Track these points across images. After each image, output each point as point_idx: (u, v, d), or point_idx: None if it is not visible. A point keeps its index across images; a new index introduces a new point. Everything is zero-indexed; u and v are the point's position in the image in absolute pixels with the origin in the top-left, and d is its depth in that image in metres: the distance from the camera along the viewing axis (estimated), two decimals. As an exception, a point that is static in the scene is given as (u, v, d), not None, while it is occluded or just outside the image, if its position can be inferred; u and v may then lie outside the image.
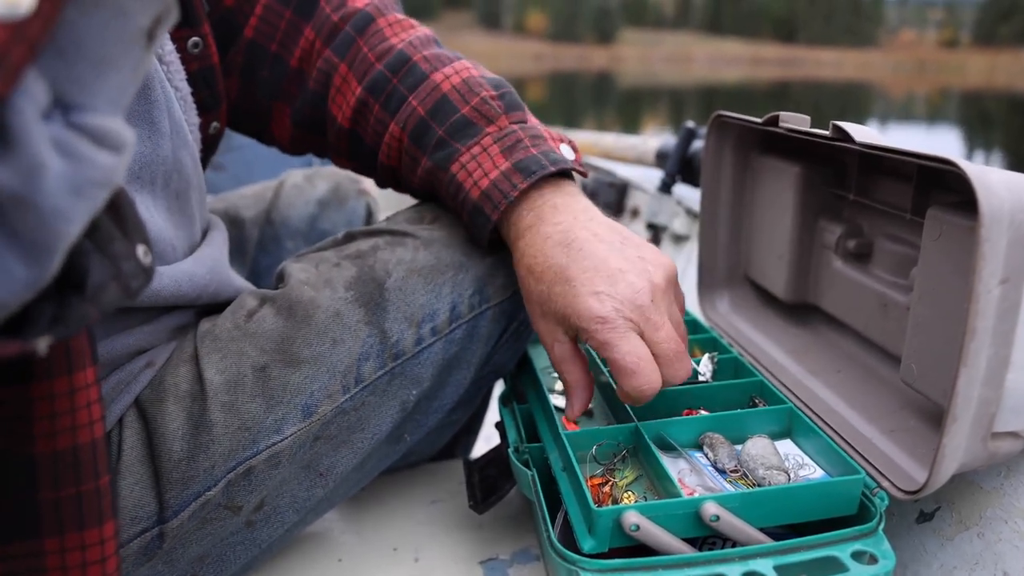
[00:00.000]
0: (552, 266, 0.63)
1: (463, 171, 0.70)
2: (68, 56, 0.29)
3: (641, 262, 0.63)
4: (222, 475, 0.61)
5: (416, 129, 0.73)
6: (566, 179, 0.71)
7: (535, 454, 0.68)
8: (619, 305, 0.59)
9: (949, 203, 0.61)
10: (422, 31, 0.78)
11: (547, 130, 0.73)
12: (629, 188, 2.00)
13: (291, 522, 0.68)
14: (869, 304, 0.75)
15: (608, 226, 0.66)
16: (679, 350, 0.61)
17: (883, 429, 0.67)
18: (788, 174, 0.84)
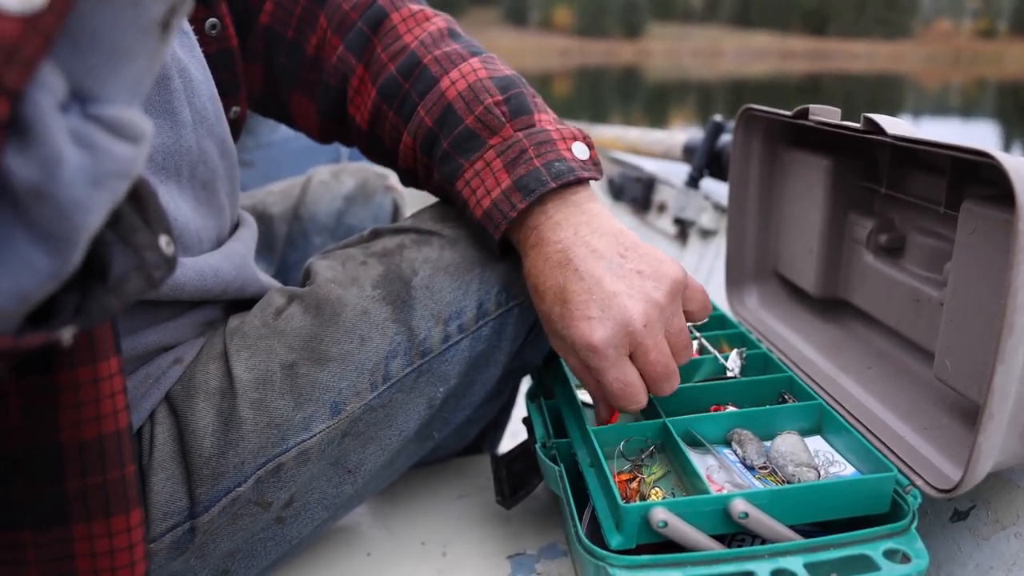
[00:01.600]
0: (552, 287, 0.63)
1: (467, 188, 0.69)
2: (83, 48, 0.29)
3: (640, 279, 0.62)
4: (252, 471, 0.62)
5: (425, 140, 0.72)
6: (574, 186, 0.68)
7: (563, 449, 0.68)
8: (610, 333, 0.60)
9: (984, 196, 0.60)
10: (437, 24, 0.77)
11: (559, 129, 0.70)
12: (656, 183, 1.99)
13: (321, 519, 0.69)
14: (901, 299, 0.74)
15: (611, 237, 0.64)
16: (667, 371, 0.62)
17: (916, 426, 0.66)
18: (818, 168, 0.83)
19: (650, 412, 0.69)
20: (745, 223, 0.94)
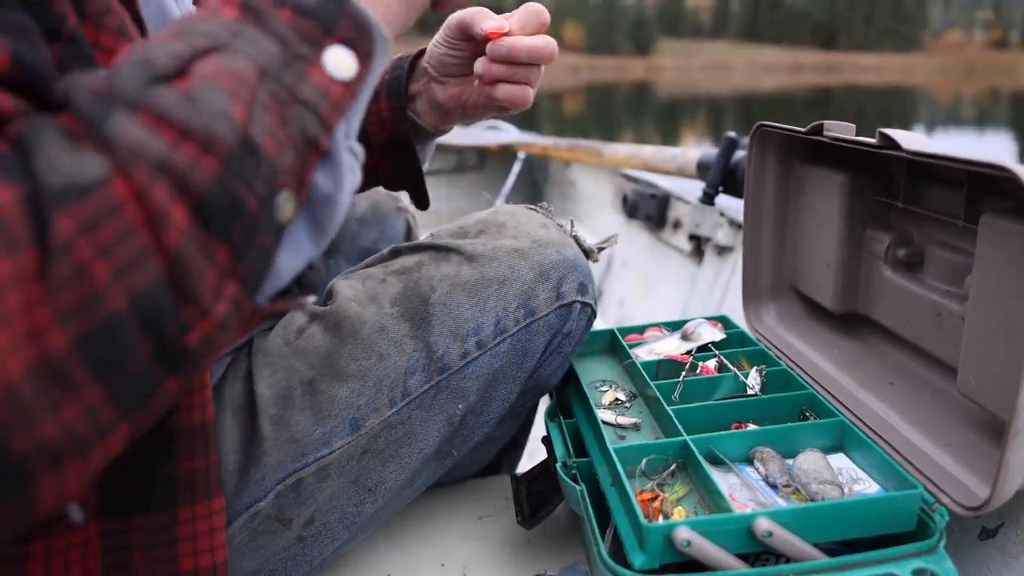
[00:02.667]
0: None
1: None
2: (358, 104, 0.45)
3: None
4: (272, 486, 0.63)
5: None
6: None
7: (583, 469, 0.68)
8: None
9: (1003, 209, 0.60)
10: None
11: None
12: (671, 199, 1.99)
13: (342, 539, 0.69)
14: (922, 313, 0.74)
15: None
16: None
17: (940, 442, 0.65)
18: (834, 183, 0.83)
19: (670, 430, 0.69)
20: (761, 239, 0.94)
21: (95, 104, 0.35)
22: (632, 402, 0.80)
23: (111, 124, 0.35)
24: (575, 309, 0.75)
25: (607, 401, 0.80)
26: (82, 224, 0.32)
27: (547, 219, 0.83)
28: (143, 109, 0.36)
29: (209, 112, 0.37)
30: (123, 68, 0.37)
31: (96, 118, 0.35)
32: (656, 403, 0.74)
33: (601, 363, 0.91)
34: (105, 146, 0.34)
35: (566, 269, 0.75)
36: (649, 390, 0.76)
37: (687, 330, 0.90)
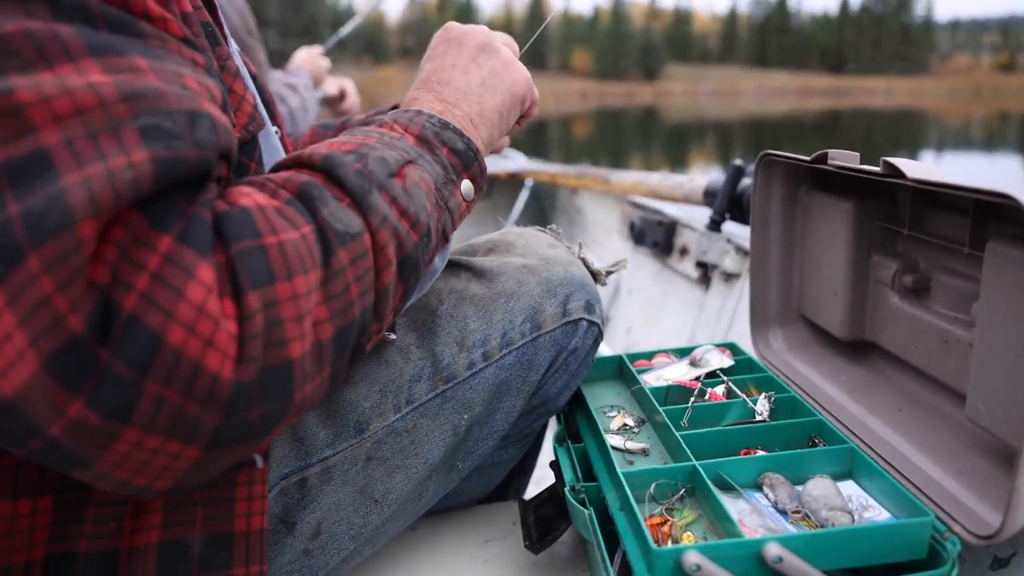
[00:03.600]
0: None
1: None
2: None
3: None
4: (275, 481, 0.64)
5: None
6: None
7: (591, 493, 0.68)
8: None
9: (1009, 236, 0.60)
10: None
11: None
12: (678, 226, 2.00)
13: (348, 550, 0.70)
14: (929, 340, 0.74)
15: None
16: None
17: (950, 470, 0.65)
18: (840, 211, 0.83)
19: (680, 456, 0.69)
20: (768, 267, 0.94)
21: (361, 182, 0.52)
22: (640, 427, 0.80)
23: (371, 199, 0.52)
24: (581, 327, 0.76)
25: (615, 426, 0.80)
26: (349, 258, 0.49)
27: (556, 240, 0.84)
28: (385, 192, 0.54)
29: (417, 204, 0.56)
30: (370, 160, 0.55)
31: (360, 192, 0.52)
32: (665, 428, 0.74)
33: (609, 389, 0.91)
34: (364, 211, 0.51)
35: (573, 287, 0.76)
36: (658, 415, 0.76)
37: (695, 356, 0.91)
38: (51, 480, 0.52)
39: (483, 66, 0.71)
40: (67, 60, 0.40)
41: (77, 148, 0.39)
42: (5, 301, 0.37)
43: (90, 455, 0.41)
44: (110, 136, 0.40)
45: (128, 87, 0.41)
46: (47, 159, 0.38)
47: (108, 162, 0.39)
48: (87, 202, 0.38)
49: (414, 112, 0.64)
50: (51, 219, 0.37)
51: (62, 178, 0.38)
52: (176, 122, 0.43)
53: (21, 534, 0.51)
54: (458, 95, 0.69)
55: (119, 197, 0.39)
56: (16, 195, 0.37)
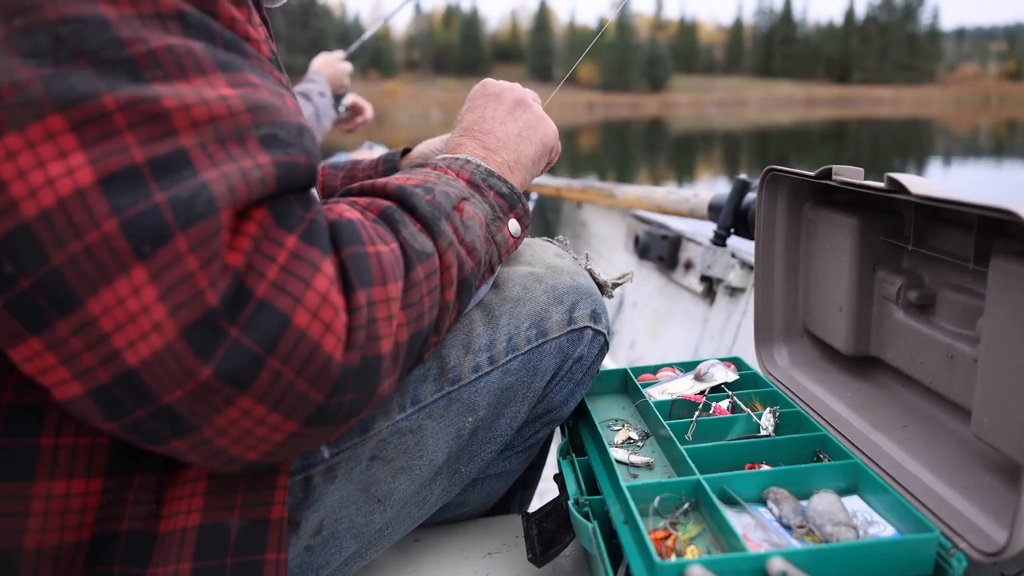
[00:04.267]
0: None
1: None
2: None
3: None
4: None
5: None
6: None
7: (595, 506, 0.69)
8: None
9: (1013, 251, 0.60)
10: None
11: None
12: (683, 240, 2.00)
13: (350, 549, 0.70)
14: (934, 356, 0.74)
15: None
16: None
17: (955, 485, 0.65)
18: (844, 226, 0.84)
19: (684, 470, 0.70)
20: (773, 282, 0.95)
21: (432, 211, 0.61)
22: (645, 441, 0.80)
23: (440, 226, 0.61)
24: (587, 335, 0.77)
25: (620, 440, 0.80)
26: (425, 273, 0.57)
27: (563, 250, 0.85)
28: (450, 221, 0.63)
29: (473, 234, 0.66)
30: (436, 193, 0.63)
31: (431, 219, 0.61)
32: (669, 442, 0.74)
33: (614, 402, 0.91)
34: (434, 236, 0.60)
35: (580, 295, 0.77)
36: (662, 429, 0.77)
37: (700, 370, 0.91)
38: (99, 463, 0.54)
39: (519, 119, 0.81)
40: (200, 74, 0.46)
41: (210, 151, 0.45)
42: (147, 277, 0.42)
43: (200, 420, 0.47)
44: (237, 142, 0.46)
45: (251, 99, 0.48)
46: (187, 158, 0.44)
47: (240, 163, 0.46)
48: (227, 192, 0.44)
49: (463, 160, 0.74)
50: (198, 205, 0.43)
51: (202, 173, 0.44)
52: (289, 132, 0.49)
53: (74, 512, 0.54)
54: (498, 143, 0.78)
55: (251, 192, 0.46)
56: (161, 186, 0.43)
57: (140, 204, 0.42)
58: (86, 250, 0.41)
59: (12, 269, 0.42)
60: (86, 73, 0.42)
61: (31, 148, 0.41)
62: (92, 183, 0.41)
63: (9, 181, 0.41)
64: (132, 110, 0.43)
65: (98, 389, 0.45)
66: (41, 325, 0.43)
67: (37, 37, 0.42)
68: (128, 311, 0.42)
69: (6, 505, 0.52)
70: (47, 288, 0.42)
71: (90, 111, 0.42)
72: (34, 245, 0.41)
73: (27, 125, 0.41)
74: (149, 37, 0.45)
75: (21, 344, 0.44)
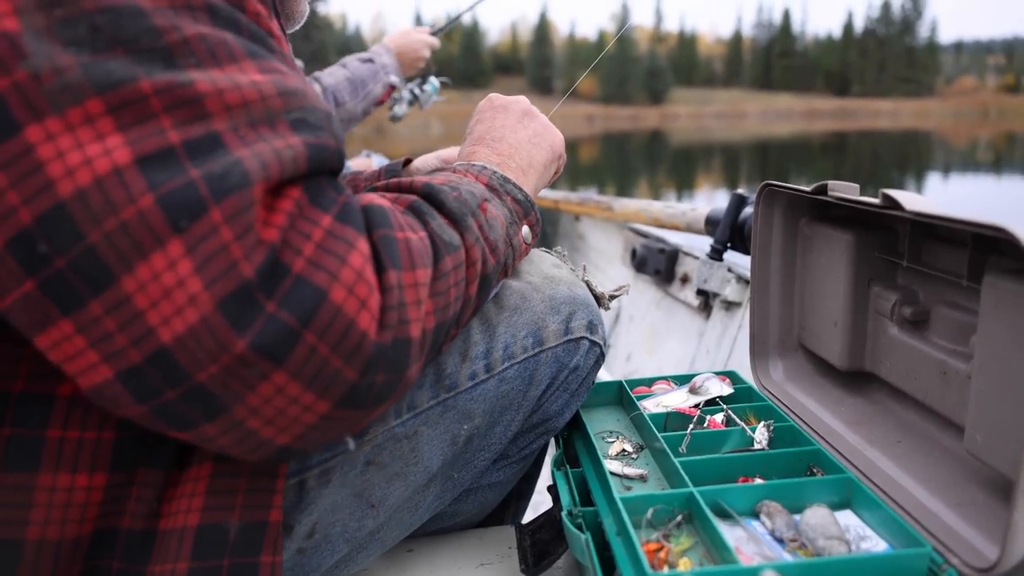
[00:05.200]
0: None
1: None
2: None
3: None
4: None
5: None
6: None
7: (589, 518, 0.69)
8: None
9: (1007, 269, 0.61)
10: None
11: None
12: (680, 254, 2.01)
13: (341, 552, 0.70)
14: (928, 372, 0.74)
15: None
16: None
17: (948, 502, 0.65)
18: (840, 241, 0.84)
19: (677, 482, 0.70)
20: (769, 297, 0.95)
21: (459, 207, 0.63)
22: (639, 454, 0.81)
23: (467, 222, 0.63)
24: (583, 345, 0.77)
25: (614, 452, 0.80)
26: (453, 264, 0.59)
27: (561, 261, 0.86)
28: (475, 218, 0.65)
29: (496, 233, 0.68)
30: (462, 191, 0.65)
31: (459, 215, 0.62)
32: (663, 455, 0.74)
33: (609, 414, 0.92)
34: (461, 231, 0.62)
35: (576, 305, 0.77)
36: (656, 442, 0.77)
37: (695, 384, 0.91)
38: (104, 458, 0.54)
39: (528, 127, 0.83)
40: (232, 61, 0.48)
41: (242, 133, 0.46)
42: (183, 250, 0.43)
43: (233, 399, 0.47)
44: (268, 124, 0.48)
45: (282, 85, 0.49)
46: (219, 140, 0.45)
47: (272, 143, 0.47)
48: (260, 168, 0.45)
49: (480, 166, 0.76)
50: (232, 179, 0.44)
51: (234, 152, 0.45)
52: (318, 116, 0.51)
53: (76, 506, 0.54)
54: (511, 149, 0.80)
55: (284, 169, 0.47)
56: (196, 164, 0.44)
57: (176, 180, 0.43)
58: (122, 226, 0.42)
59: (47, 248, 0.42)
60: (123, 60, 0.44)
61: (70, 130, 0.42)
62: (129, 162, 0.43)
63: (47, 162, 0.42)
64: (167, 95, 0.44)
65: (128, 370, 0.45)
66: (74, 305, 0.43)
67: (76, 26, 0.43)
68: (163, 286, 0.43)
69: (10, 496, 0.52)
70: (82, 266, 0.43)
71: (127, 95, 0.43)
72: (70, 224, 0.42)
73: (66, 108, 0.42)
74: (182, 26, 0.46)
75: (51, 328, 0.44)
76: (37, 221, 0.42)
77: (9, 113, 0.42)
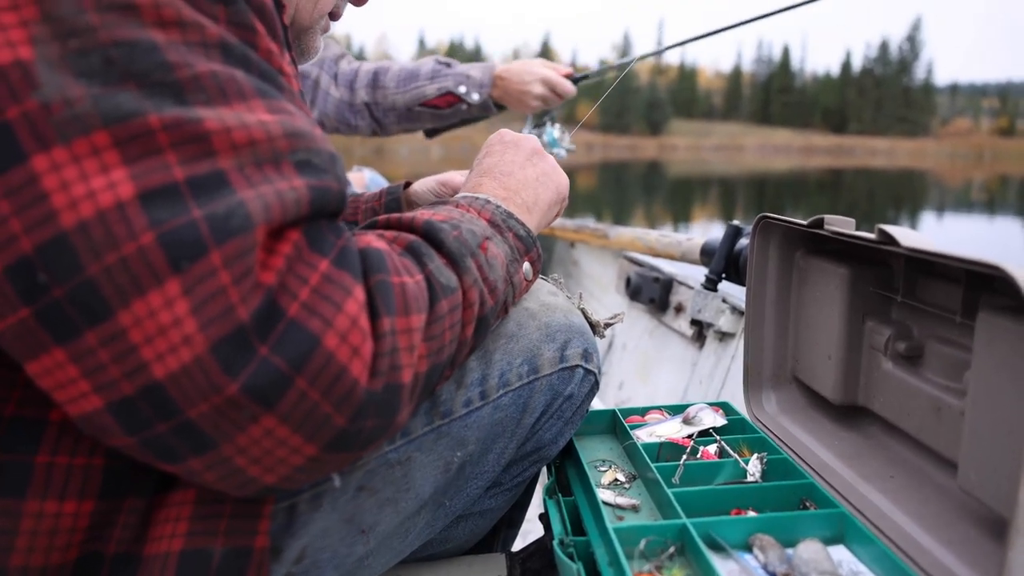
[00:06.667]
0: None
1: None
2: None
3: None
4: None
5: None
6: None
7: (580, 548, 0.68)
8: None
9: (1001, 306, 0.61)
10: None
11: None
12: (674, 284, 2.01)
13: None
14: (922, 407, 0.74)
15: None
16: None
17: (941, 539, 0.65)
18: (835, 276, 0.85)
19: (670, 513, 0.69)
20: (763, 329, 0.95)
21: (459, 247, 0.62)
22: (631, 483, 0.80)
23: (466, 263, 0.62)
24: (578, 373, 0.77)
25: (607, 481, 0.80)
26: (449, 307, 0.58)
27: (557, 288, 0.86)
28: (475, 259, 0.64)
29: (496, 273, 0.67)
30: (463, 230, 0.64)
31: (458, 256, 0.62)
32: (656, 485, 0.74)
33: (602, 443, 0.91)
34: (460, 272, 0.61)
35: (572, 334, 0.77)
36: (649, 472, 0.76)
37: (689, 414, 0.91)
38: (93, 485, 0.54)
39: (537, 165, 0.84)
40: (241, 99, 0.48)
41: (247, 172, 0.46)
42: (181, 291, 0.43)
43: (222, 437, 0.47)
44: (273, 165, 0.48)
45: (289, 126, 0.49)
46: (224, 178, 0.45)
47: (275, 184, 0.47)
48: (263, 210, 0.46)
49: (484, 200, 0.75)
50: (235, 220, 0.44)
51: (239, 192, 0.45)
52: (323, 159, 0.51)
53: (63, 533, 0.53)
54: (518, 185, 0.80)
55: (286, 212, 0.47)
56: (199, 203, 0.44)
57: (178, 218, 0.43)
58: (122, 261, 0.42)
59: (46, 278, 0.42)
60: (133, 94, 0.44)
61: (76, 162, 0.42)
62: (132, 197, 0.43)
63: (51, 192, 0.42)
64: (175, 130, 0.44)
65: (120, 402, 0.45)
66: (68, 335, 0.43)
67: (90, 58, 0.44)
68: (159, 323, 0.43)
69: None
70: (79, 298, 0.42)
71: (134, 129, 0.44)
72: (71, 255, 0.42)
73: (73, 139, 0.42)
74: (195, 62, 0.46)
75: (43, 355, 0.44)
76: (37, 250, 0.42)
77: (16, 142, 0.42)
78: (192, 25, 0.47)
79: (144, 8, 0.45)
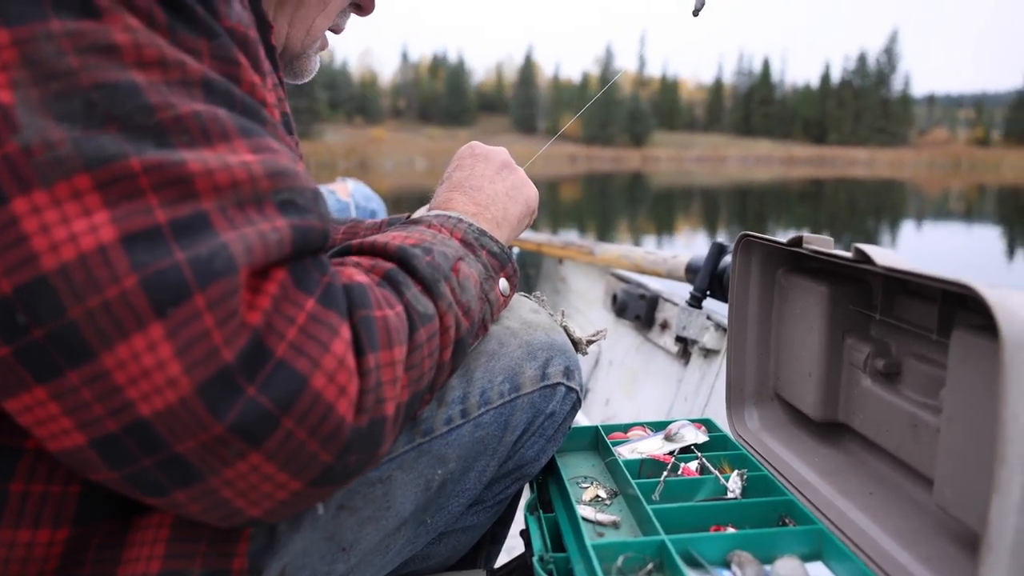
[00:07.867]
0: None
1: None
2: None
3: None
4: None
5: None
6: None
7: (560, 564, 0.68)
8: None
9: (975, 325, 0.62)
10: None
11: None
12: (660, 300, 2.03)
13: None
14: (900, 424, 0.75)
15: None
16: None
17: (918, 555, 0.65)
18: (815, 293, 0.85)
19: (649, 529, 0.69)
20: (745, 346, 0.96)
21: (432, 272, 0.62)
22: (613, 500, 0.80)
23: (440, 288, 0.62)
24: (559, 391, 0.78)
25: (588, 497, 0.80)
26: (427, 335, 0.59)
27: (539, 306, 0.86)
28: (448, 282, 0.64)
29: (469, 295, 0.67)
30: (435, 254, 0.64)
31: (432, 282, 0.61)
32: (636, 501, 0.74)
33: (584, 459, 0.91)
34: (435, 298, 0.61)
35: (554, 351, 0.78)
36: (630, 488, 0.76)
37: (671, 431, 0.91)
38: (68, 512, 0.53)
39: (506, 179, 0.84)
40: (224, 140, 0.48)
41: (230, 214, 0.46)
42: (164, 334, 0.43)
43: (209, 471, 0.47)
44: (255, 206, 0.48)
45: (272, 165, 0.49)
46: (206, 220, 0.45)
47: (258, 226, 0.47)
48: (245, 252, 0.45)
49: (456, 218, 0.75)
50: (217, 263, 0.44)
51: (221, 235, 0.45)
52: (306, 197, 0.51)
53: (35, 561, 0.52)
54: (488, 199, 0.81)
55: (268, 253, 0.47)
56: (182, 245, 0.44)
57: (160, 262, 0.43)
58: (104, 305, 0.42)
59: (26, 319, 0.42)
60: (115, 136, 0.44)
61: (57, 205, 0.42)
62: (114, 240, 0.42)
63: (31, 235, 0.42)
64: (157, 173, 0.44)
65: (104, 439, 0.44)
66: (50, 375, 0.43)
67: (71, 101, 0.43)
68: (143, 366, 0.43)
69: None
70: (60, 340, 0.42)
71: (116, 172, 0.43)
72: (52, 297, 0.42)
73: (54, 182, 0.42)
74: (177, 103, 0.46)
75: (23, 393, 0.44)
76: (16, 291, 0.42)
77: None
78: (174, 64, 0.47)
79: (125, 49, 0.45)
